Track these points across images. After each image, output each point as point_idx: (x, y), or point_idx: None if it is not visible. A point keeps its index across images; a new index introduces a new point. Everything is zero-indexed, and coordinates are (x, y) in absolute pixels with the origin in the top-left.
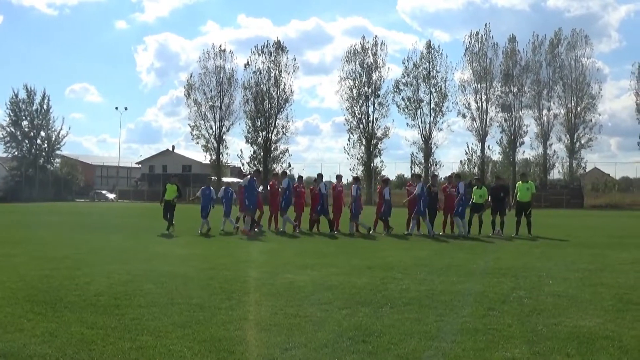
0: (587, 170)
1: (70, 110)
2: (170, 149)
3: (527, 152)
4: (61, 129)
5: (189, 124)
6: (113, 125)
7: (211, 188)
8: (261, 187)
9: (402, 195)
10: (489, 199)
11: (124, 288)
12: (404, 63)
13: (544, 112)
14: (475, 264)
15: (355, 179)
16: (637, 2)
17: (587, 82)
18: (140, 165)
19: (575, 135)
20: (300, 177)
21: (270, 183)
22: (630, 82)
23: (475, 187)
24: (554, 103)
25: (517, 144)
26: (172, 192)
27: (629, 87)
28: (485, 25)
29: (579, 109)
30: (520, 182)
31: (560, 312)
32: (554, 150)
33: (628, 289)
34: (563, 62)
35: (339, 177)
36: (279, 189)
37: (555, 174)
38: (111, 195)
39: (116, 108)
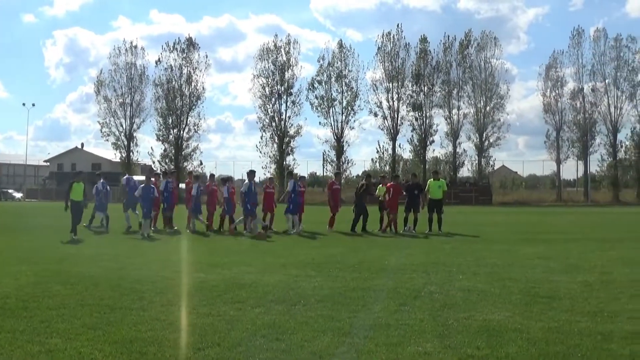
0: (495, 168)
1: None
2: (80, 146)
3: (437, 150)
4: None
5: (98, 121)
6: (20, 122)
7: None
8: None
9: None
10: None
11: (32, 290)
12: (318, 62)
13: (454, 111)
14: (388, 260)
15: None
16: (544, 6)
17: (496, 83)
18: (48, 164)
19: (484, 134)
20: (212, 176)
21: (187, 182)
22: (538, 83)
23: (381, 184)
24: (463, 103)
25: (428, 142)
26: (80, 191)
27: (536, 88)
28: (398, 25)
29: (487, 108)
30: (432, 179)
31: (470, 306)
32: (464, 149)
33: (535, 283)
34: (473, 63)
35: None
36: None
37: (465, 171)
38: (18, 195)
39: (23, 104)
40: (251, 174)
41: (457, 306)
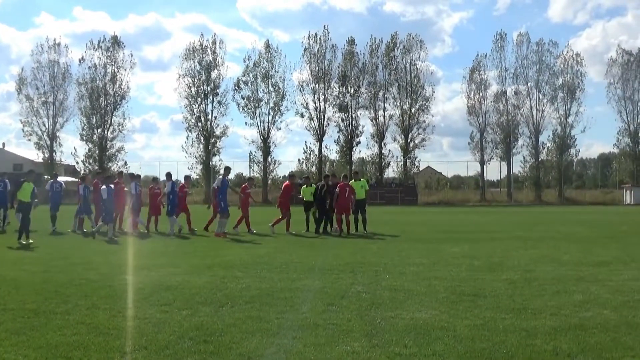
0: (420, 169)
1: None
2: (1, 146)
3: (363, 151)
4: None
5: (20, 120)
6: None
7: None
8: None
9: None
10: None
11: None
12: (244, 62)
13: (380, 112)
14: (314, 260)
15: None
16: (469, 10)
17: (422, 85)
18: None
19: (410, 135)
20: (138, 176)
21: (115, 181)
22: (462, 85)
23: (305, 185)
24: (389, 104)
25: (354, 143)
26: (29, 191)
27: (461, 90)
28: (324, 26)
29: (413, 110)
30: (353, 180)
31: (397, 305)
32: (389, 150)
33: (460, 281)
34: (399, 65)
35: (187, 178)
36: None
37: (390, 172)
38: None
39: None
40: (227, 170)
41: (384, 305)
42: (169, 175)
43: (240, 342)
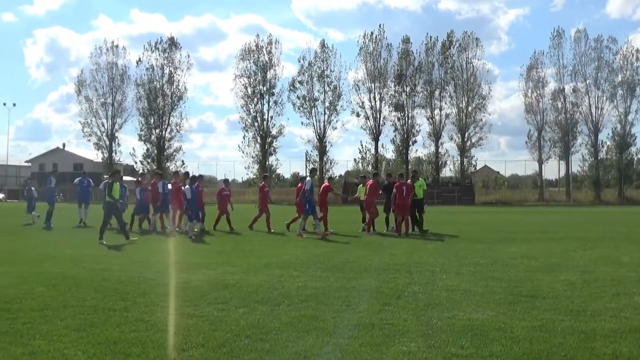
0: (477, 168)
1: None
2: (61, 146)
3: (419, 150)
4: None
5: (80, 121)
6: (0, 122)
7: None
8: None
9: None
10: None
11: (14, 291)
12: (299, 61)
13: (436, 111)
14: (371, 260)
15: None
16: (525, 7)
17: (478, 83)
18: (30, 164)
19: (466, 134)
20: (201, 176)
21: (173, 182)
22: (519, 83)
23: (361, 184)
24: (445, 103)
25: (410, 142)
26: (117, 191)
27: (518, 88)
28: (380, 25)
29: (469, 108)
30: (411, 179)
31: (454, 305)
32: (446, 149)
33: (518, 282)
34: (455, 63)
35: (226, 181)
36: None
37: (447, 171)
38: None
39: (4, 104)
40: (313, 171)
41: (441, 306)
42: (187, 174)
43: (296, 341)
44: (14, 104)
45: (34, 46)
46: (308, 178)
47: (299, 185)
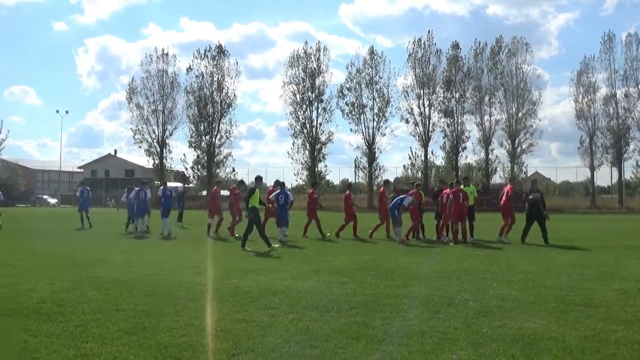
0: (528, 174)
1: (9, 113)
2: (113, 153)
3: (469, 157)
4: (0, 132)
5: (131, 128)
6: (54, 129)
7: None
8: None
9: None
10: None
11: (67, 295)
12: (347, 68)
13: (486, 117)
14: (421, 267)
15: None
16: (575, 11)
17: (528, 89)
18: (82, 170)
19: (517, 141)
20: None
21: (231, 188)
22: (570, 89)
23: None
24: (495, 109)
25: (460, 149)
26: (258, 198)
27: (568, 94)
28: (429, 32)
29: (519, 114)
30: (462, 186)
31: (504, 314)
32: (496, 155)
33: (570, 290)
34: (504, 69)
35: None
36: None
37: (497, 178)
38: (53, 200)
39: (57, 111)
40: (387, 182)
41: (492, 314)
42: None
43: (345, 348)
44: (67, 112)
45: (86, 55)
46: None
47: (347, 193)
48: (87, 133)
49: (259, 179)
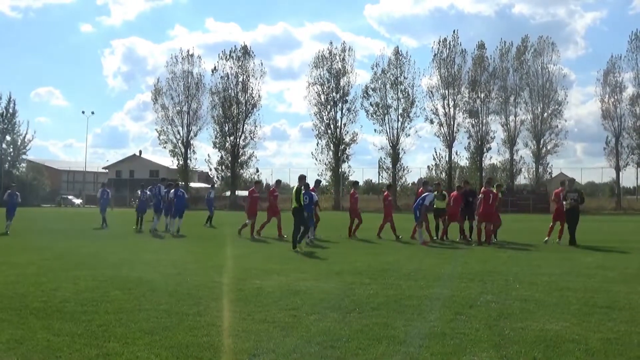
0: (553, 175)
1: (35, 114)
2: (138, 153)
3: (494, 157)
4: (27, 133)
5: (156, 129)
6: (79, 130)
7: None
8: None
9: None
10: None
11: (90, 294)
12: (373, 69)
13: (511, 118)
14: (443, 268)
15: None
16: (602, 10)
17: (554, 89)
18: (107, 170)
19: (542, 141)
20: (278, 181)
21: (271, 190)
22: (596, 89)
23: (436, 192)
24: (520, 109)
25: (484, 149)
26: (302, 197)
27: (595, 94)
28: (454, 32)
29: (545, 114)
30: (484, 188)
31: (527, 316)
32: (521, 156)
33: (593, 292)
34: (530, 69)
35: (278, 182)
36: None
37: (522, 179)
38: (78, 201)
39: (82, 112)
40: (437, 185)
41: (514, 316)
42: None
43: (366, 349)
44: (93, 112)
45: (112, 56)
46: (428, 194)
47: (385, 193)
48: (112, 134)
49: (302, 178)
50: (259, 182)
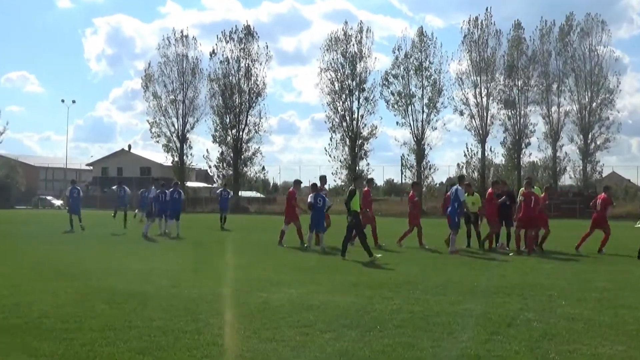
0: (603, 175)
1: (7, 102)
2: (126, 148)
3: (534, 154)
4: None
5: (147, 120)
6: (58, 121)
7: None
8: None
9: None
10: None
11: (73, 309)
12: (394, 52)
13: (554, 108)
14: (477, 281)
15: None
16: None
17: (604, 74)
18: (91, 167)
19: (590, 135)
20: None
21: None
22: None
23: (467, 193)
24: (565, 98)
25: (523, 145)
26: (358, 200)
27: None
28: (487, 9)
29: (594, 105)
30: (523, 189)
31: (575, 337)
32: (565, 153)
33: None
34: (575, 52)
35: (297, 183)
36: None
37: (567, 179)
38: (57, 202)
39: (62, 101)
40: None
41: (560, 337)
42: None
43: None
44: (73, 101)
45: (94, 36)
46: (457, 187)
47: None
48: (96, 126)
49: (357, 177)
50: (299, 182)
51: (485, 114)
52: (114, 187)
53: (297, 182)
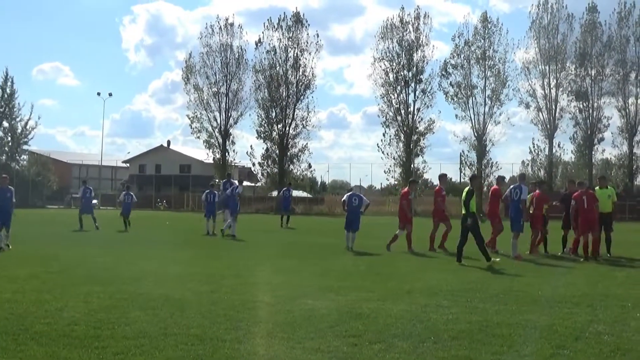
0: None
1: (39, 95)
2: (165, 144)
3: (607, 150)
4: (29, 118)
5: (187, 115)
6: (94, 115)
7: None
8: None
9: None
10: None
11: (105, 315)
12: (454, 40)
13: (631, 100)
14: (541, 290)
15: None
16: None
17: None
18: (128, 165)
19: None
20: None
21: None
22: None
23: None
24: None
25: (595, 140)
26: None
27: None
28: None
29: None
30: (599, 187)
31: None
32: None
33: None
34: None
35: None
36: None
37: None
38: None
39: (98, 94)
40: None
41: (634, 352)
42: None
43: None
44: (110, 94)
45: (133, 25)
46: (521, 185)
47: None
48: (134, 120)
49: (474, 177)
50: (415, 181)
51: (553, 107)
52: (123, 192)
53: (413, 182)
